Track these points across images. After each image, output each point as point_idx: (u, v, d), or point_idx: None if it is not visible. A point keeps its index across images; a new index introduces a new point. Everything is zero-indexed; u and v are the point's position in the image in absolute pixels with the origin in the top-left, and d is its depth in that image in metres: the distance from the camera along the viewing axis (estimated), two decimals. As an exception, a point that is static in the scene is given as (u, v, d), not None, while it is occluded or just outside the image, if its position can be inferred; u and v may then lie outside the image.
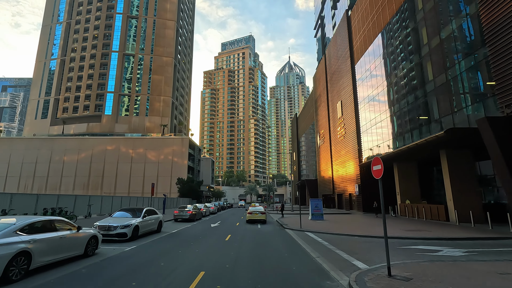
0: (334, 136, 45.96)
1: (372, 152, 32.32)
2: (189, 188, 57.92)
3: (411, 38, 24.05)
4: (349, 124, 38.61)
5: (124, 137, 67.06)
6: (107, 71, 77.71)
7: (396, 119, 26.77)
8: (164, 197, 30.32)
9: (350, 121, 38.15)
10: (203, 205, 27.71)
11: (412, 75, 23.92)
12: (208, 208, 28.80)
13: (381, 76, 29.52)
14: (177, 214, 20.87)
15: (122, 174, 63.25)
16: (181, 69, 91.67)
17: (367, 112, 33.61)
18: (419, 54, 22.83)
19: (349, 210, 38.81)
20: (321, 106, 54.22)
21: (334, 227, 17.80)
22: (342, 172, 41.75)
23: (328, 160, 49.70)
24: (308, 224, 19.04)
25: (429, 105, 21.54)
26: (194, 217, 21.40)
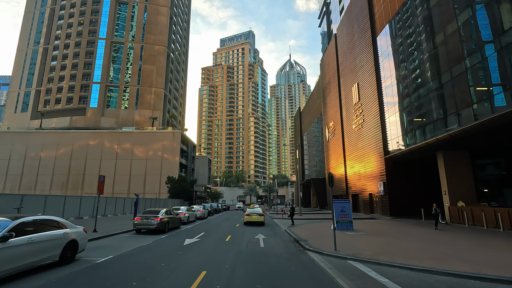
0: (348, 127, 39.10)
1: (403, 141, 25.46)
2: (181, 188, 51.03)
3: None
4: (370, 110, 31.75)
5: (108, 130, 60.15)
6: (93, 60, 70.97)
7: (443, 93, 19.93)
8: (135, 198, 23.40)
9: (371, 105, 31.29)
10: (186, 208, 20.79)
11: (468, 32, 17.11)
12: (193, 212, 21.92)
13: (418, 39, 22.69)
14: (139, 223, 13.93)
15: (105, 172, 56.20)
16: (176, 60, 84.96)
17: (395, 91, 26.79)
18: None
19: (369, 213, 31.90)
20: (331, 94, 47.39)
21: (393, 248, 10.62)
22: (359, 169, 34.87)
23: (339, 156, 42.84)
24: (343, 242, 12.05)
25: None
26: (165, 227, 14.45)
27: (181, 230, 16.38)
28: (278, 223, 21.99)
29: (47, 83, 72.82)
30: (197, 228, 17.55)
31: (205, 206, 32.24)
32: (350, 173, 38.35)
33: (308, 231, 15.51)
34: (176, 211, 19.43)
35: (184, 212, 19.73)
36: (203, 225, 19.93)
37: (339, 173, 43.04)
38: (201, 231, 15.80)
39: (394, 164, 27.78)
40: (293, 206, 19.69)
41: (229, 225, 19.93)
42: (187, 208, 21.30)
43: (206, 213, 27.36)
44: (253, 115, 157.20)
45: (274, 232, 16.09)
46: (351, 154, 37.94)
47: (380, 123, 29.11)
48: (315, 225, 19.74)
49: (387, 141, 28.44)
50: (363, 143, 33.54)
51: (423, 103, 21.89)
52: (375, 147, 30.22)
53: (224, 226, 19.30)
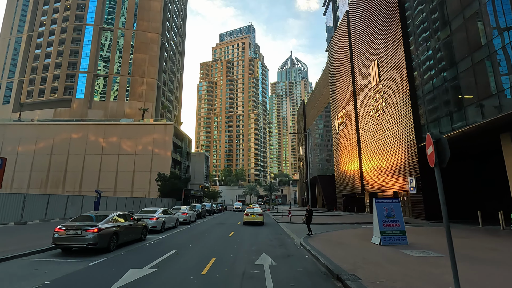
0: (364, 114, 33.50)
1: (444, 124, 19.87)
2: (172, 186, 45.48)
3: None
4: (395, 90, 26.15)
5: (93, 122, 54.60)
6: (79, 48, 65.43)
7: None
8: (97, 196, 17.76)
9: (397, 84, 25.68)
10: (162, 210, 15.12)
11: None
12: (172, 216, 16.10)
13: None
14: (62, 237, 8.23)
15: (90, 169, 50.80)
16: (171, 51, 79.38)
17: (431, 62, 21.19)
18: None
19: (393, 216, 26.29)
20: (342, 79, 41.79)
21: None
22: (379, 162, 29.28)
23: (352, 149, 37.27)
24: (421, 276, 6.37)
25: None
26: (110, 242, 8.57)
27: (141, 245, 10.69)
28: (287, 231, 16.40)
29: (31, 73, 67.31)
30: (170, 241, 11.78)
31: (196, 206, 26.68)
32: (367, 168, 32.75)
33: (339, 248, 9.89)
34: (145, 215, 13.86)
35: (156, 216, 14.08)
36: (182, 234, 14.32)
37: (352, 169, 37.48)
38: (172, 248, 10.14)
39: (430, 154, 22.16)
40: (310, 208, 14.00)
41: (220, 234, 14.31)
42: (164, 210, 15.68)
43: (194, 216, 21.75)
44: (254, 111, 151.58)
45: (286, 248, 10.48)
46: (368, 145, 32.33)
47: (410, 105, 23.49)
48: (340, 234, 14.16)
49: (420, 126, 22.84)
50: (385, 132, 27.93)
51: (480, 70, 16.26)
52: (403, 135, 24.61)
53: (213, 236, 13.70)
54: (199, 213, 24.88)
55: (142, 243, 11.25)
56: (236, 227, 18.38)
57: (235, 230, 16.19)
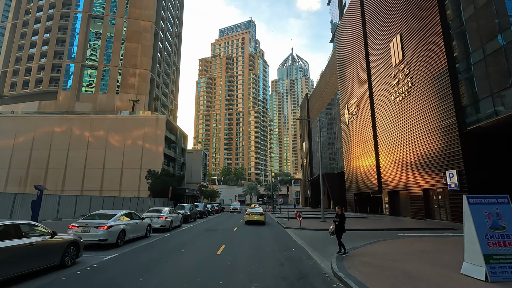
0: (382, 99, 28.86)
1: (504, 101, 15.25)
2: (164, 184, 40.92)
3: None
4: (425, 66, 21.50)
5: (78, 115, 50.00)
6: (67, 36, 60.85)
7: None
8: (37, 193, 13.09)
9: (429, 59, 21.02)
10: (123, 214, 10.39)
11: None
12: (138, 223, 11.26)
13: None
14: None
15: (73, 165, 46.24)
16: (166, 41, 74.75)
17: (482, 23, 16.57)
18: None
19: (423, 219, 21.69)
20: (353, 64, 37.16)
21: None
22: (403, 154, 24.64)
23: (366, 141, 32.65)
24: None
25: None
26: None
27: (63, 276, 6.21)
28: (301, 243, 11.70)
29: (15, 63, 62.76)
30: (116, 269, 7.22)
31: (185, 207, 22.06)
32: (386, 163, 28.10)
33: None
34: (91, 222, 9.31)
35: (108, 224, 9.44)
36: (147, 250, 9.65)
37: (367, 164, 32.86)
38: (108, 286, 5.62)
39: (479, 141, 17.53)
40: (342, 211, 9.29)
41: (204, 251, 9.54)
42: (128, 213, 11.04)
43: (179, 220, 17.11)
44: (254, 109, 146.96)
45: (311, 286, 5.81)
46: (387, 136, 27.69)
47: (449, 82, 18.83)
48: (386, 249, 9.54)
49: (461, 107, 18.21)
50: (411, 117, 23.28)
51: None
52: (438, 120, 19.97)
53: (191, 254, 9.01)
54: (186, 215, 20.23)
55: (67, 270, 6.64)
56: (230, 235, 13.76)
57: (227, 242, 11.57)
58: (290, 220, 22.93)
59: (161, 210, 15.27)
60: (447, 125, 19.03)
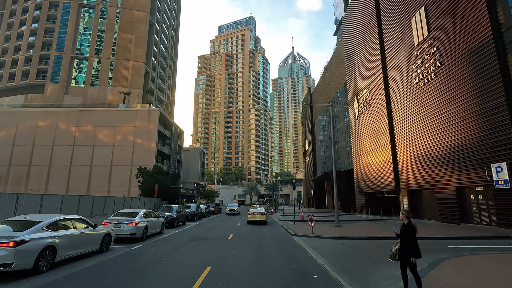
0: (401, 85, 25.28)
1: None
2: (155, 182, 37.37)
3: None
4: (459, 40, 17.95)
5: (64, 108, 46.44)
6: (56, 26, 57.34)
7: None
8: None
9: (465, 31, 17.46)
10: (49, 222, 6.82)
11: None
12: (89, 234, 7.95)
13: None
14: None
15: (58, 162, 42.70)
16: (162, 34, 71.26)
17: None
18: None
19: (457, 223, 18.12)
20: (365, 50, 33.61)
21: None
22: (429, 147, 21.07)
23: (381, 133, 29.09)
24: None
25: None
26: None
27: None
28: (325, 265, 7.87)
29: (1, 55, 59.25)
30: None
31: (172, 208, 18.49)
32: (405, 157, 24.52)
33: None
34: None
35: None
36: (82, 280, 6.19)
37: (380, 160, 29.30)
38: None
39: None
40: (413, 222, 5.43)
41: (170, 285, 5.97)
42: (55, 222, 7.40)
43: (159, 225, 13.51)
44: (254, 106, 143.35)
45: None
46: (407, 126, 24.12)
47: (495, 53, 15.27)
48: (470, 279, 5.90)
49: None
50: (440, 102, 19.73)
51: None
52: (476, 101, 16.41)
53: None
54: (172, 219, 16.64)
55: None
56: (221, 249, 10.09)
57: (216, 260, 7.97)
58: (297, 225, 19.35)
59: (133, 213, 11.71)
60: (491, 108, 15.46)
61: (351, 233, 14.19)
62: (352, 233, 14.48)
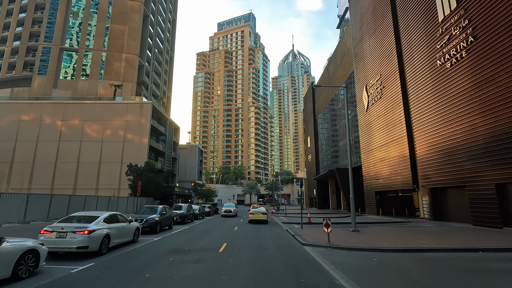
0: (422, 69, 22.23)
1: None
2: (147, 180, 34.37)
3: None
4: (499, 7, 14.91)
5: (49, 101, 43.35)
6: (44, 16, 54.28)
7: None
8: None
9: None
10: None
11: None
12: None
13: None
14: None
15: (43, 159, 39.67)
16: (157, 26, 68.14)
17: None
18: None
19: (495, 225, 15.09)
20: (376, 34, 30.58)
21: None
22: (458, 137, 18.05)
23: (395, 125, 26.06)
24: None
25: None
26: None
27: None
28: None
29: (-14, 47, 56.14)
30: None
31: (156, 210, 15.44)
32: (426, 150, 21.49)
33: None
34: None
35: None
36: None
37: (394, 155, 26.27)
38: None
39: None
40: None
41: None
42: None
43: (132, 233, 10.51)
44: (254, 104, 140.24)
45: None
46: (429, 115, 21.08)
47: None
48: None
49: None
50: (473, 83, 16.67)
51: None
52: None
53: None
54: (153, 223, 13.56)
55: None
56: (207, 268, 6.82)
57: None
58: (306, 229, 16.28)
59: (91, 218, 8.65)
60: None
61: (377, 242, 11.16)
62: (378, 241, 11.44)
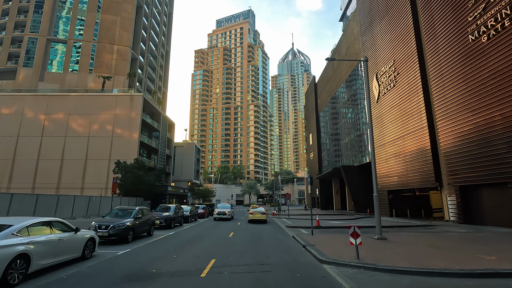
0: (449, 48, 19.22)
1: None
2: (136, 179, 31.27)
3: None
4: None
5: (31, 93, 40.22)
6: (30, 5, 51.13)
7: None
8: None
9: None
10: None
11: None
12: None
13: None
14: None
15: (24, 156, 36.55)
16: (153, 18, 65.03)
17: None
18: None
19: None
20: (388, 16, 27.59)
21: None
22: (500, 123, 15.02)
23: (413, 116, 23.06)
24: None
25: None
26: None
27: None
28: None
29: (-31, 38, 52.94)
30: None
31: (131, 213, 12.32)
32: (454, 141, 18.47)
33: None
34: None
35: None
36: None
37: (412, 149, 23.27)
38: None
39: None
40: None
41: None
42: None
43: (82, 247, 7.53)
44: (253, 102, 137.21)
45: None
46: (457, 100, 18.05)
47: None
48: None
49: None
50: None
51: None
52: None
53: None
54: (122, 230, 10.49)
55: None
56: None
57: None
58: (317, 235, 13.17)
59: (3, 226, 5.63)
60: None
61: (424, 258, 8.00)
62: (424, 256, 8.30)
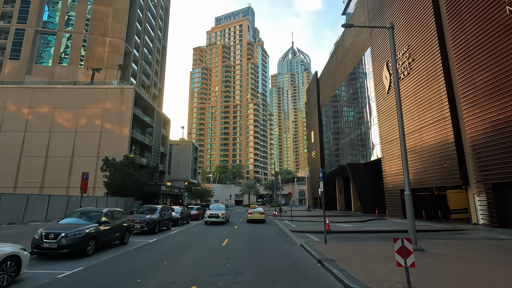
0: (480, 24, 16.71)
1: None
2: (126, 177, 28.70)
3: None
4: None
5: (14, 85, 37.55)
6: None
7: None
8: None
9: None
10: None
11: None
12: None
13: None
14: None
15: (5, 152, 33.91)
16: (148, 11, 62.39)
17: None
18: None
19: None
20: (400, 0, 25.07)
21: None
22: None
23: (432, 105, 20.55)
24: None
25: None
26: None
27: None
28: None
29: (-46, 29, 50.30)
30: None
31: (91, 217, 9.72)
32: (484, 132, 15.94)
33: None
34: None
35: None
36: None
37: (430, 143, 20.74)
38: None
39: None
40: None
41: None
42: None
43: (7, 268, 4.97)
44: (253, 101, 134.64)
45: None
46: (487, 84, 15.52)
47: None
48: None
49: None
50: None
51: None
52: None
53: None
54: (80, 240, 7.84)
55: None
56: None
57: None
58: (332, 244, 10.60)
59: None
60: None
61: (496, 283, 5.55)
62: (494, 280, 5.82)
